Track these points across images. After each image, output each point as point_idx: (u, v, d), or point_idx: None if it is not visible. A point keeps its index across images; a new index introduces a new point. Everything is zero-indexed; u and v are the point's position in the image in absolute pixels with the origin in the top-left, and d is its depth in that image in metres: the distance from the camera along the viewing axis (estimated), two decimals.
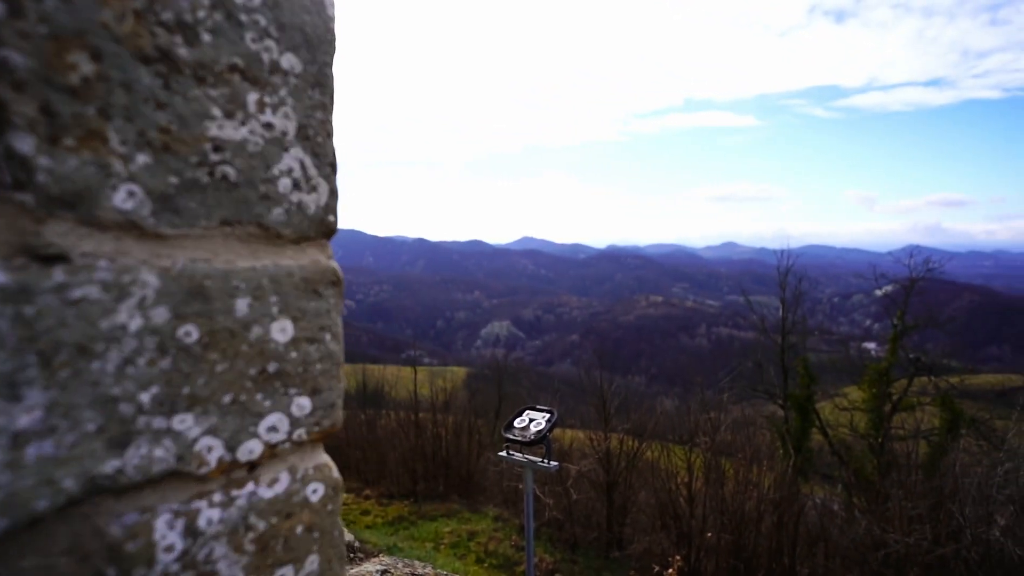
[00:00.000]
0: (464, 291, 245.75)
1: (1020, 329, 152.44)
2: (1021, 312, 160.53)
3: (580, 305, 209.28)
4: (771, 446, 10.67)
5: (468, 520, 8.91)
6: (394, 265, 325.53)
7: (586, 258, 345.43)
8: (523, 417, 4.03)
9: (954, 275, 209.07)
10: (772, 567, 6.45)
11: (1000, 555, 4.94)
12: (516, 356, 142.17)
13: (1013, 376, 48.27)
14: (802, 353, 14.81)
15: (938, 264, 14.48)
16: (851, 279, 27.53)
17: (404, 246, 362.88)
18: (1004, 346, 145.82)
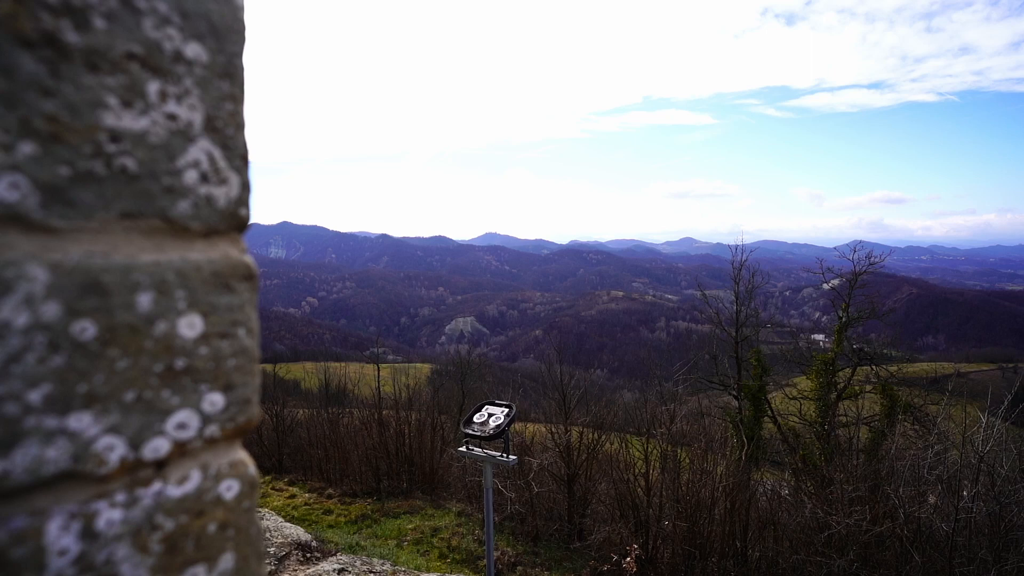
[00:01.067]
0: (428, 287, 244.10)
1: (953, 319, 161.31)
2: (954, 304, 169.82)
3: (543, 300, 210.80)
4: (725, 435, 10.99)
5: (431, 516, 8.89)
6: (357, 261, 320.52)
7: (549, 254, 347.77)
8: (482, 412, 4.04)
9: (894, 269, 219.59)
10: (725, 551, 6.65)
11: (929, 531, 5.23)
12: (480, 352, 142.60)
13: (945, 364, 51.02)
14: (755, 345, 15.30)
15: (879, 258, 15.16)
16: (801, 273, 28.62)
17: (367, 242, 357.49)
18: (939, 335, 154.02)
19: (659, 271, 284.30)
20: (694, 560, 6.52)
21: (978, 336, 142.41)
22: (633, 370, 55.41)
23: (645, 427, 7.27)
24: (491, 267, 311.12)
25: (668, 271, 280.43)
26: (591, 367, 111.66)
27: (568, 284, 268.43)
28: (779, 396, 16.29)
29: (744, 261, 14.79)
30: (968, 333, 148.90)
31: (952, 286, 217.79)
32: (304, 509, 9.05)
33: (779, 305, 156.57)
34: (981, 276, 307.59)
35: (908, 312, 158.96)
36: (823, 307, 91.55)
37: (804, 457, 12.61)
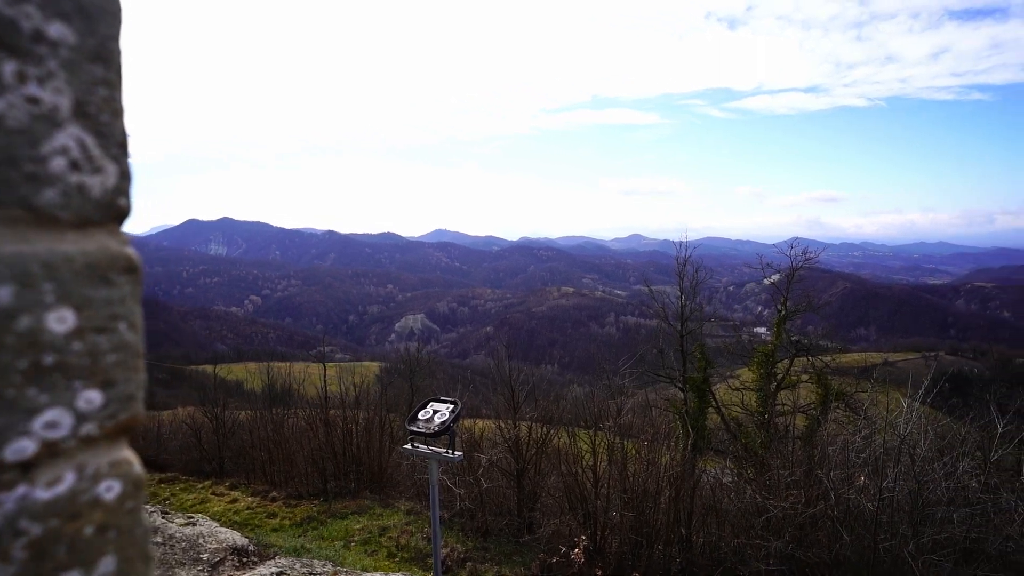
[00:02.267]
0: (377, 284, 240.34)
1: (882, 312, 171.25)
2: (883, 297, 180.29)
3: (494, 297, 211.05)
4: (671, 426, 11.30)
5: (380, 516, 8.78)
6: (303, 258, 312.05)
7: (499, 250, 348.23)
8: (427, 409, 4.01)
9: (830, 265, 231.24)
10: (670, 538, 6.85)
11: (858, 511, 5.55)
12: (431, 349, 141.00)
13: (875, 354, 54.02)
14: (700, 339, 15.78)
15: (814, 255, 15.90)
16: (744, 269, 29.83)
17: (313, 239, 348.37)
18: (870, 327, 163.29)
19: (608, 267, 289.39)
20: (641, 548, 6.68)
21: (904, 327, 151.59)
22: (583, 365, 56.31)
23: (592, 421, 7.39)
24: (441, 264, 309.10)
25: (617, 267, 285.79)
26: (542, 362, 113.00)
27: (519, 281, 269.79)
28: (723, 387, 16.87)
29: (688, 258, 15.24)
30: (896, 324, 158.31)
31: (881, 281, 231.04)
32: (247, 513, 8.78)
33: (723, 300, 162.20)
34: (907, 271, 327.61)
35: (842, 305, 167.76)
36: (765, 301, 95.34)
37: (746, 445, 13.12)
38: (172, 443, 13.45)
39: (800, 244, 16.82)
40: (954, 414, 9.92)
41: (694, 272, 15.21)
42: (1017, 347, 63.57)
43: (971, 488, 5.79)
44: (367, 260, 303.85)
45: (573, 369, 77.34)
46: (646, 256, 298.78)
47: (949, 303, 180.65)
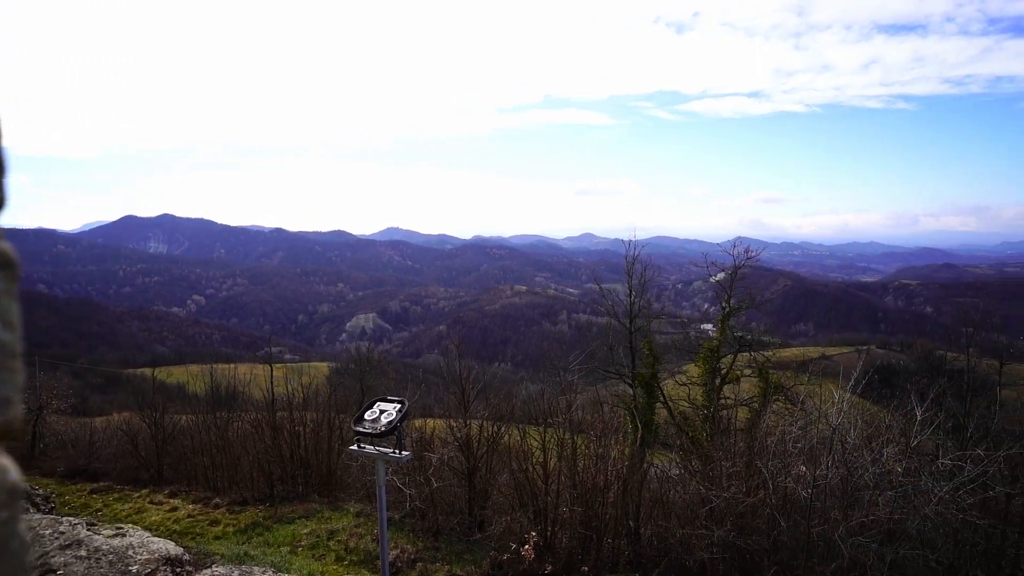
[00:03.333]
0: (327, 283, 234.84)
1: (820, 309, 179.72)
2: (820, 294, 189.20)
3: (447, 296, 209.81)
4: (621, 422, 11.50)
5: (328, 519, 8.60)
6: (249, 257, 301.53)
7: (452, 249, 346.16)
8: (374, 409, 3.95)
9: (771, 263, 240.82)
10: (619, 531, 7.00)
11: (794, 498, 5.81)
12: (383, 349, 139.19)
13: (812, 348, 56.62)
14: (648, 335, 16.12)
15: (756, 253, 16.48)
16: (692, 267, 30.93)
17: (260, 237, 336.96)
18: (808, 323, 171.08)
19: (561, 266, 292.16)
20: (590, 542, 6.79)
21: (840, 322, 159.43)
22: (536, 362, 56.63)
23: (543, 418, 7.46)
24: (393, 262, 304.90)
25: (569, 266, 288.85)
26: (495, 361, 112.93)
27: (472, 279, 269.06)
28: (671, 383, 17.29)
29: (636, 256, 15.54)
30: (832, 320, 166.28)
31: (819, 279, 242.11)
32: (187, 522, 8.43)
33: (672, 297, 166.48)
34: (842, 269, 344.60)
35: (783, 302, 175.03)
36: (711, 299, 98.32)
37: (692, 439, 13.51)
38: (106, 451, 12.79)
39: (743, 243, 17.40)
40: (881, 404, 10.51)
41: (642, 270, 15.53)
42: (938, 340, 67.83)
43: (895, 472, 6.15)
44: (317, 258, 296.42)
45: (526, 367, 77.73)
46: (597, 255, 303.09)
47: (879, 300, 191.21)
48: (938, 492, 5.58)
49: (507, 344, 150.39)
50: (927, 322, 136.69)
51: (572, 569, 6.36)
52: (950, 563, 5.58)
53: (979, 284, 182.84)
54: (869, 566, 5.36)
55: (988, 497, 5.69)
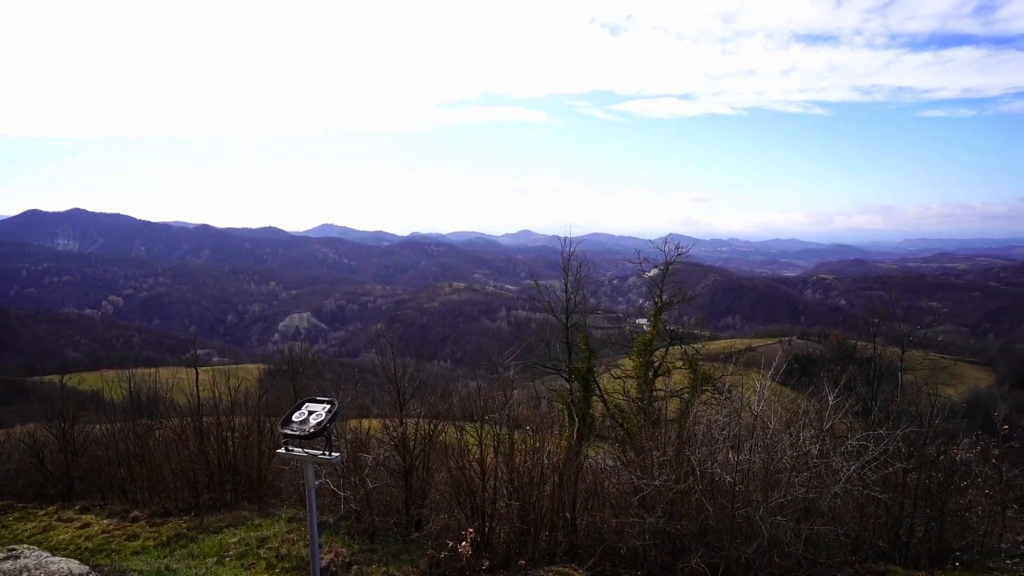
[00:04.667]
0: (259, 282, 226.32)
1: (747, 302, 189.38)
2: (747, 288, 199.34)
3: (384, 293, 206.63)
4: (558, 416, 11.70)
5: (259, 526, 8.30)
6: (172, 255, 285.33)
7: (389, 246, 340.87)
8: (302, 410, 3.84)
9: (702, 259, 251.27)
10: (555, 523, 7.11)
11: (720, 483, 6.10)
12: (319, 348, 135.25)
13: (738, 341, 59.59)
14: (585, 330, 16.48)
15: (685, 250, 17.16)
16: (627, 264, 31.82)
17: (184, 233, 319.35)
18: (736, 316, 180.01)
19: (499, 262, 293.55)
20: (527, 536, 6.87)
21: (765, 315, 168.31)
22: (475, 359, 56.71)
23: (479, 414, 7.48)
24: (328, 260, 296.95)
25: (508, 263, 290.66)
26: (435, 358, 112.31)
27: (410, 276, 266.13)
28: (606, 377, 17.75)
29: (572, 253, 15.86)
30: (758, 313, 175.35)
31: (746, 274, 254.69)
32: (101, 539, 7.92)
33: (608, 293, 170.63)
34: (766, 265, 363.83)
35: (713, 296, 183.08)
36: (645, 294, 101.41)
37: (627, 430, 13.90)
38: (6, 467, 11.80)
39: (675, 240, 18.07)
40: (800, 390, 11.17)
41: (578, 267, 15.86)
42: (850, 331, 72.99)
43: (811, 454, 6.57)
44: (247, 256, 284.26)
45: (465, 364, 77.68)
46: (535, 251, 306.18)
47: (799, 293, 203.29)
48: (846, 471, 6.01)
49: (446, 342, 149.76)
50: (841, 314, 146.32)
51: (509, 563, 6.42)
52: (857, 535, 6.02)
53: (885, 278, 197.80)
54: (786, 543, 5.71)
55: (889, 473, 6.18)
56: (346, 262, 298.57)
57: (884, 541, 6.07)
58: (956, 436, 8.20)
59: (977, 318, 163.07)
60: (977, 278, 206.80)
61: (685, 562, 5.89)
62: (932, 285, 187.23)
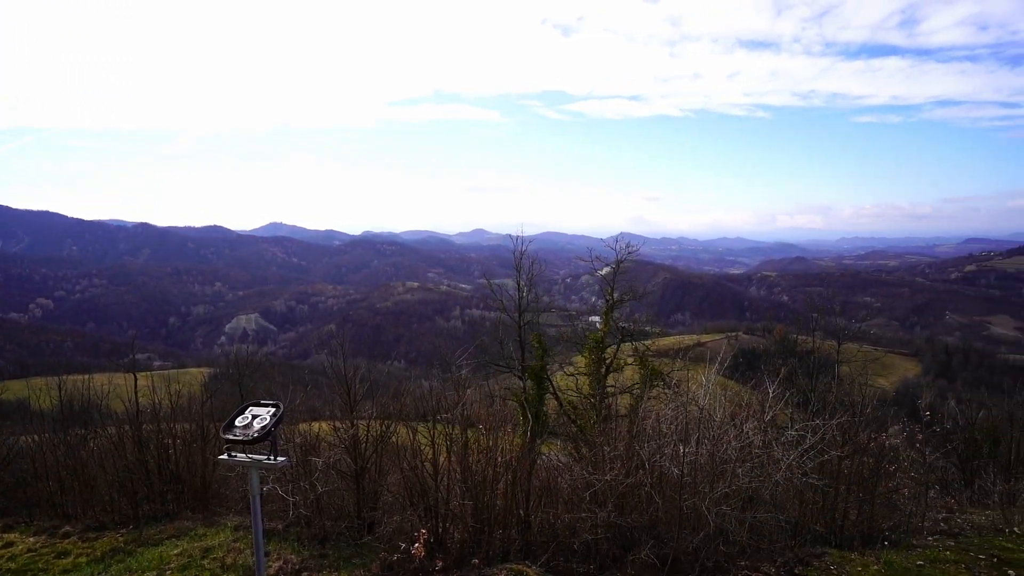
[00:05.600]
0: (203, 283, 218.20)
1: (696, 299, 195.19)
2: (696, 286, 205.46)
3: (336, 293, 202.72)
4: (512, 414, 11.76)
5: (203, 536, 8.00)
6: (108, 255, 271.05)
7: (341, 245, 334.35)
8: (245, 414, 3.73)
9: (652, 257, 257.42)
10: (509, 521, 7.14)
11: (668, 475, 6.27)
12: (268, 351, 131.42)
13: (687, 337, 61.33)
14: (538, 329, 16.63)
15: (636, 248, 17.55)
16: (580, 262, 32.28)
17: (122, 232, 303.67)
18: (686, 313, 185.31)
19: (453, 261, 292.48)
20: (481, 534, 6.87)
21: (713, 311, 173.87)
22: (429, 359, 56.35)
23: (432, 413, 7.43)
24: (277, 259, 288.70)
25: (462, 261, 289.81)
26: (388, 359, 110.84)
27: (362, 276, 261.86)
28: (560, 374, 17.95)
29: (524, 251, 15.97)
30: (706, 309, 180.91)
31: (695, 271, 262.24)
32: (26, 558, 7.47)
33: (562, 291, 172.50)
34: (714, 263, 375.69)
35: (663, 294, 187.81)
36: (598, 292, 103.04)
37: (580, 427, 14.10)
38: None
39: (626, 239, 18.45)
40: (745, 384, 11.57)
41: (530, 265, 15.97)
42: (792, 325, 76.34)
43: (754, 445, 6.82)
44: (190, 256, 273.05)
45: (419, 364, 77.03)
46: (489, 250, 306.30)
47: (745, 290, 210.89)
48: (787, 460, 6.28)
49: (400, 342, 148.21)
50: (783, 309, 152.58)
51: (463, 562, 6.41)
52: (796, 521, 6.30)
53: (824, 275, 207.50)
54: (731, 531, 5.91)
55: (825, 460, 6.49)
56: (296, 262, 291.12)
57: (821, 525, 6.37)
58: (886, 423, 8.70)
59: (905, 312, 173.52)
60: (906, 275, 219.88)
61: (635, 554, 6.02)
62: (866, 281, 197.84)
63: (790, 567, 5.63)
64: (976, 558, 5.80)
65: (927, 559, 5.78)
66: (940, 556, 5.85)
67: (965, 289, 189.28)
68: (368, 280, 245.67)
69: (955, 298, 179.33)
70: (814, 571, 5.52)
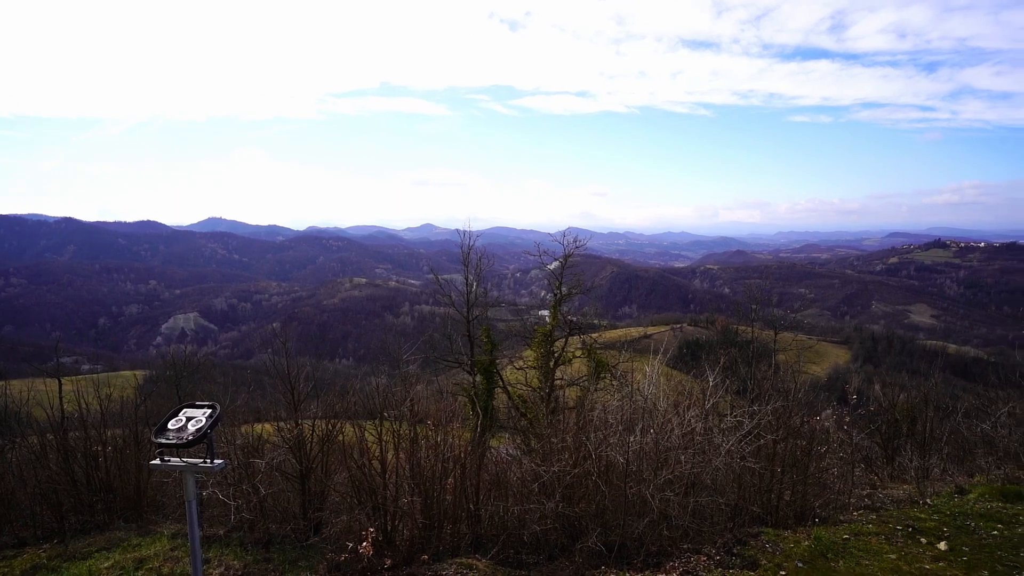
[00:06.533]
0: (137, 281, 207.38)
1: (642, 292, 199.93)
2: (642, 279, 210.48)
3: (281, 291, 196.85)
4: (461, 409, 11.76)
5: (137, 546, 7.62)
6: (28, 251, 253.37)
7: (285, 241, 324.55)
8: (179, 417, 3.58)
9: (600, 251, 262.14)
10: (459, 516, 7.14)
11: (614, 464, 6.42)
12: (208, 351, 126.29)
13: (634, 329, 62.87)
14: (487, 323, 16.65)
15: (583, 242, 17.81)
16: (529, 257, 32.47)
17: (43, 228, 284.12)
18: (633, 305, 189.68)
19: (401, 257, 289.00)
20: (431, 530, 6.85)
21: (659, 304, 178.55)
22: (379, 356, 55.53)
23: (379, 410, 7.34)
24: (217, 256, 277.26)
25: (410, 256, 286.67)
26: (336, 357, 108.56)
27: (308, 272, 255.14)
28: (510, 368, 18.06)
29: (472, 246, 15.95)
30: (652, 302, 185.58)
31: (641, 265, 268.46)
32: None
33: (511, 285, 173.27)
34: (659, 256, 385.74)
35: (611, 287, 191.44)
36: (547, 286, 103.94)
37: (530, 420, 14.22)
38: None
39: (573, 233, 18.69)
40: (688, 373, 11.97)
41: (478, 260, 15.96)
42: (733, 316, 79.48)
43: (696, 431, 7.07)
44: (122, 253, 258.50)
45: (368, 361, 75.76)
46: (439, 245, 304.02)
47: (689, 282, 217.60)
48: (726, 445, 6.54)
49: (348, 339, 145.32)
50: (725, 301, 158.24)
51: (412, 560, 6.37)
52: (735, 503, 6.57)
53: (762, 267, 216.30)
54: (674, 516, 6.11)
55: (761, 444, 6.79)
56: (237, 258, 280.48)
57: (758, 506, 6.67)
58: (818, 407, 9.18)
59: (836, 302, 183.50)
60: (836, 267, 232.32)
61: (583, 542, 6.14)
62: (800, 273, 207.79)
63: (729, 547, 5.87)
64: (894, 529, 6.22)
65: (852, 532, 6.15)
66: (863, 529, 6.24)
67: (888, 280, 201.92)
68: (314, 276, 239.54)
69: (880, 288, 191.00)
70: (751, 549, 5.78)
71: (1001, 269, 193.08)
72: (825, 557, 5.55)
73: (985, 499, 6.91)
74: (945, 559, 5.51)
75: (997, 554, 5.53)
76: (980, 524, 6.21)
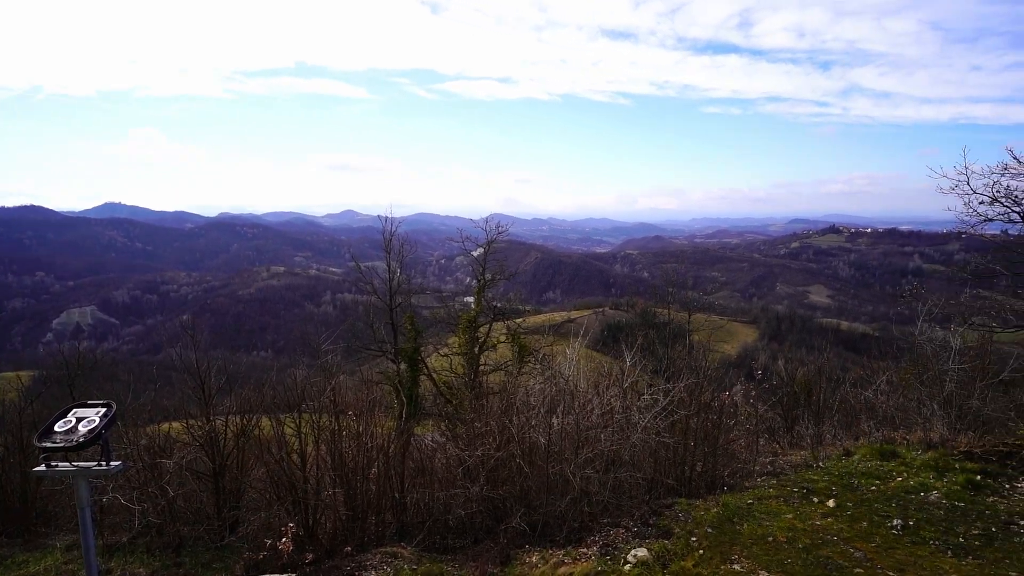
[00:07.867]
0: (20, 272, 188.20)
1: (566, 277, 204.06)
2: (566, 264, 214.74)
3: (191, 281, 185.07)
4: (385, 398, 11.59)
5: (24, 563, 7.01)
6: None
7: (194, 228, 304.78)
8: (68, 417, 3.30)
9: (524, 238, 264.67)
10: (383, 505, 7.06)
11: (537, 446, 6.56)
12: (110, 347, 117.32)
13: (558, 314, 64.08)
14: (411, 311, 16.44)
15: (505, 228, 17.90)
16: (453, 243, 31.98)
17: None
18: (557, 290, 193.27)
19: (322, 244, 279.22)
20: (355, 521, 6.74)
21: (581, 288, 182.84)
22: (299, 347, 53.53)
23: (298, 402, 7.10)
24: (116, 244, 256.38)
25: (331, 244, 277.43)
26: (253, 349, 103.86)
27: (220, 261, 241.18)
28: (435, 355, 17.95)
29: (394, 232, 15.65)
30: (575, 287, 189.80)
31: (564, 251, 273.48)
32: None
33: (436, 272, 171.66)
34: (582, 242, 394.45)
35: (535, 273, 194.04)
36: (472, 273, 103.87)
37: (457, 406, 14.23)
38: None
39: (497, 219, 18.73)
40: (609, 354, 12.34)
41: (400, 246, 15.70)
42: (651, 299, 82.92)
43: (615, 410, 7.34)
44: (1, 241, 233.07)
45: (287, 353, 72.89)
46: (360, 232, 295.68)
47: (610, 267, 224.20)
48: (643, 422, 6.84)
49: (266, 330, 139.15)
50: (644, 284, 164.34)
51: (335, 552, 6.25)
52: (651, 477, 6.90)
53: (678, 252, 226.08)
54: (594, 492, 6.34)
55: (676, 420, 7.16)
56: (140, 247, 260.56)
57: (672, 478, 7.03)
58: (728, 383, 9.76)
59: (745, 284, 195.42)
60: (745, 251, 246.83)
61: (508, 523, 6.25)
62: (713, 257, 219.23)
63: (645, 519, 6.17)
64: (791, 491, 6.76)
65: (755, 497, 6.62)
66: (765, 494, 6.74)
67: (791, 263, 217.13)
68: (228, 265, 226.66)
69: (784, 271, 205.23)
70: (665, 519, 6.10)
71: (883, 252, 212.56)
72: (732, 522, 5.95)
73: (867, 459, 7.64)
74: (833, 514, 6.06)
75: (875, 506, 6.15)
76: (862, 482, 6.87)
